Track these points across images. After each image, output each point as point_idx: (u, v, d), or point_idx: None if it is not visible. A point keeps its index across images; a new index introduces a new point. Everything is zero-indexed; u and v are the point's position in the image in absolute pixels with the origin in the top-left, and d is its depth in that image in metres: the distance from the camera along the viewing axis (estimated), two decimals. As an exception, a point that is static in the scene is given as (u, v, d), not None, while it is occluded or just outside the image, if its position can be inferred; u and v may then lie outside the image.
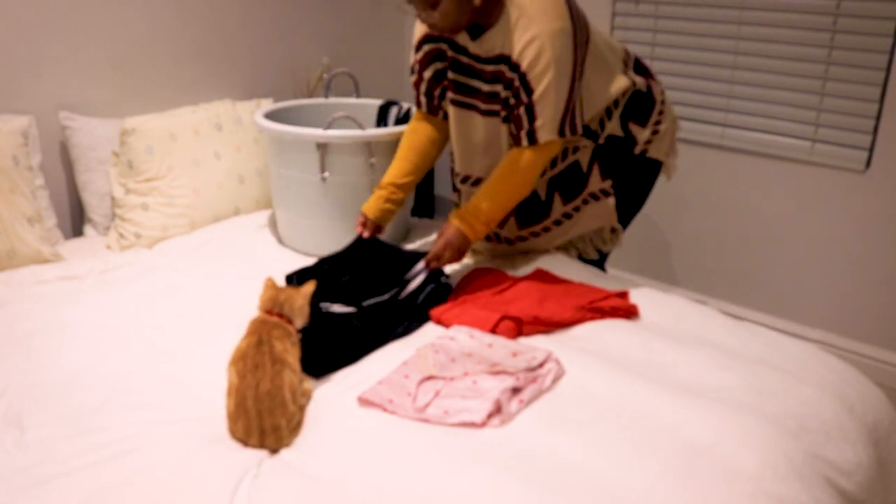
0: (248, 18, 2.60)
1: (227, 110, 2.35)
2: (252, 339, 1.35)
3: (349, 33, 2.97)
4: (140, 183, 2.12)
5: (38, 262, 1.94)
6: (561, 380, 1.41)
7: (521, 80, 1.64)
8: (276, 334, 1.36)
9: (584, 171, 1.86)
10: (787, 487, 1.16)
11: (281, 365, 1.31)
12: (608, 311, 1.66)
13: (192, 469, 1.18)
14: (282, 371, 1.30)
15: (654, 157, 1.94)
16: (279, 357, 1.33)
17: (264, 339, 1.35)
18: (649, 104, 1.87)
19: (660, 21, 2.60)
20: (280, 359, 1.32)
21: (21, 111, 2.12)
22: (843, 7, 2.23)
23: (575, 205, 1.90)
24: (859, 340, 2.45)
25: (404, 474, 1.17)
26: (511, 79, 1.65)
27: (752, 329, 1.64)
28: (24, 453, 1.24)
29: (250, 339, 1.35)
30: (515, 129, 1.69)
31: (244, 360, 1.32)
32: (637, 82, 1.84)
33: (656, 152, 1.93)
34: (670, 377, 1.43)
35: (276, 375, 1.29)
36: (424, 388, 1.37)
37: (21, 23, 2.07)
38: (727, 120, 2.53)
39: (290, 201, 2.04)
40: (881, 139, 2.26)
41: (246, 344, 1.35)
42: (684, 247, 2.76)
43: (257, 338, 1.35)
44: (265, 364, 1.30)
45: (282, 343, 1.35)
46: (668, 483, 1.14)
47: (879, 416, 1.43)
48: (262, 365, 1.30)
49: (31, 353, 1.52)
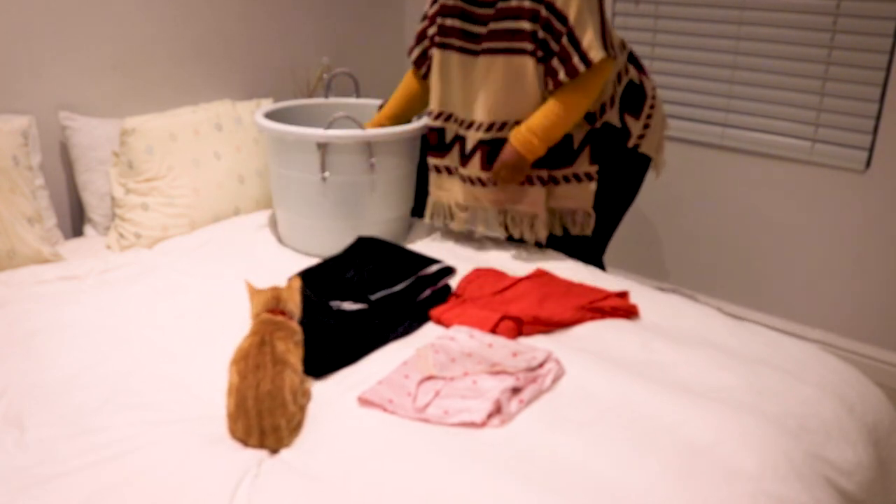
0: (248, 18, 2.60)
1: (228, 110, 2.35)
2: (255, 339, 1.35)
3: (349, 33, 2.97)
4: (140, 183, 2.12)
5: (38, 262, 1.94)
6: (561, 380, 1.42)
7: (549, 10, 1.71)
8: (280, 335, 1.36)
9: (573, 149, 1.89)
10: (787, 487, 1.16)
11: (282, 365, 1.31)
12: (608, 311, 1.66)
13: (192, 469, 1.18)
14: (283, 371, 1.30)
15: (645, 153, 1.97)
16: (281, 357, 1.33)
17: (267, 339, 1.35)
18: (641, 97, 1.93)
19: (660, 21, 2.60)
20: (282, 359, 1.32)
21: (21, 111, 2.12)
22: (843, 7, 2.24)
23: (556, 176, 1.93)
24: (859, 340, 2.45)
25: (404, 474, 1.17)
26: (536, 10, 1.72)
27: (752, 329, 1.65)
28: (24, 453, 1.24)
29: (253, 339, 1.35)
30: (564, 62, 1.75)
31: (245, 359, 1.32)
32: (631, 74, 1.86)
33: (647, 147, 1.97)
34: (670, 377, 1.43)
35: (277, 376, 1.29)
36: (424, 388, 1.38)
37: (21, 23, 2.07)
38: (727, 120, 2.54)
39: (291, 201, 2.04)
40: (881, 139, 2.26)
41: (248, 344, 1.35)
42: (685, 247, 2.77)
43: (260, 338, 1.35)
44: (266, 365, 1.30)
45: (284, 343, 1.35)
46: (668, 483, 1.15)
47: (879, 416, 1.44)
48: (264, 365, 1.30)
49: (31, 353, 1.52)
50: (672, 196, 2.74)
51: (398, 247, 1.87)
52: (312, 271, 1.79)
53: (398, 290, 1.67)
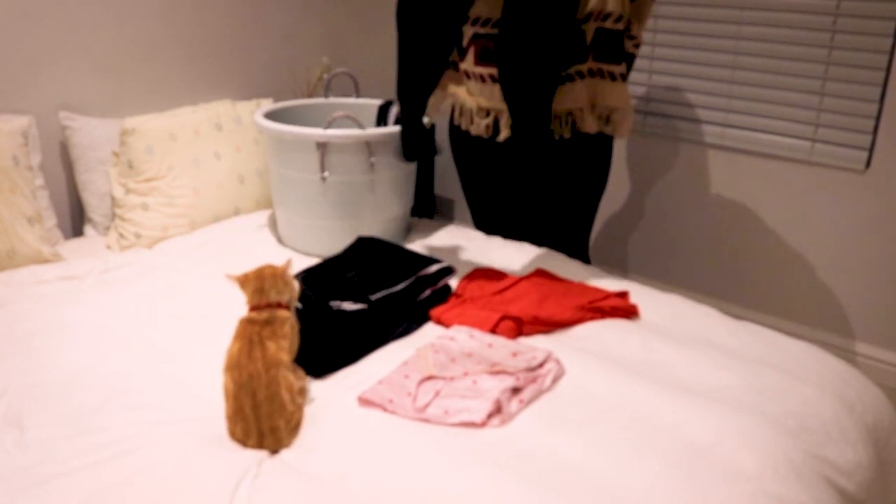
0: (247, 19, 2.60)
1: (227, 110, 2.35)
2: (242, 344, 1.32)
3: (349, 33, 2.97)
4: (140, 183, 2.12)
5: (38, 262, 1.94)
6: (561, 380, 1.42)
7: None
8: (267, 333, 1.33)
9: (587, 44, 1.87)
10: (786, 487, 1.16)
11: (276, 368, 1.30)
12: (608, 311, 1.67)
13: (192, 469, 1.18)
14: (277, 375, 1.29)
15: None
16: (273, 359, 1.30)
17: (255, 341, 1.32)
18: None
19: (660, 21, 2.60)
20: (274, 361, 1.30)
21: (21, 111, 2.12)
22: (842, 7, 2.24)
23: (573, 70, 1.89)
24: (859, 340, 2.45)
25: (404, 474, 1.17)
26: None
27: (751, 329, 1.65)
28: (24, 453, 1.24)
29: (241, 344, 1.32)
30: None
31: (238, 368, 1.29)
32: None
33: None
34: (670, 377, 1.43)
35: (272, 381, 1.28)
36: (424, 388, 1.38)
37: (21, 23, 2.08)
38: (727, 120, 2.54)
39: (290, 201, 2.04)
40: (881, 139, 2.27)
41: (237, 350, 1.32)
42: (684, 246, 2.77)
43: (247, 341, 1.32)
44: (259, 373, 1.28)
45: (275, 342, 1.33)
46: (669, 483, 1.15)
47: (879, 416, 1.44)
48: (257, 375, 1.28)
49: (31, 353, 1.52)
50: (672, 196, 2.74)
51: (398, 247, 1.87)
52: (312, 271, 1.79)
53: (398, 290, 1.67)
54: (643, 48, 2.65)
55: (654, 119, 2.70)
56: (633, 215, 2.86)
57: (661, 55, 2.62)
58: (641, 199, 2.83)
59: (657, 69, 2.65)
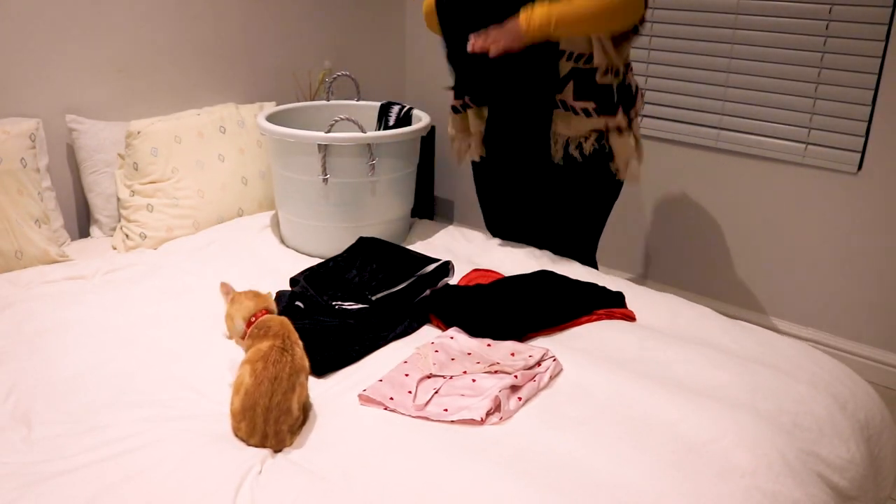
0: (250, 23, 2.62)
1: (231, 113, 2.37)
2: (277, 343, 1.29)
3: (350, 36, 2.99)
4: (145, 184, 2.14)
5: (46, 262, 1.96)
6: (558, 377, 1.43)
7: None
8: (295, 338, 1.32)
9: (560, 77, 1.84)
10: (780, 484, 1.17)
11: (297, 376, 1.28)
12: (604, 315, 1.68)
13: (196, 466, 1.19)
14: (296, 383, 1.27)
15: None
16: (299, 366, 1.29)
17: (288, 344, 1.29)
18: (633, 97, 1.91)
19: (656, 25, 2.62)
20: (300, 367, 1.29)
21: (29, 114, 2.14)
22: (835, 12, 2.26)
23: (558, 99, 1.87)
24: (851, 339, 2.47)
25: (405, 471, 1.18)
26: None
27: (746, 328, 1.65)
28: (31, 450, 1.24)
29: (275, 342, 1.29)
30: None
31: (264, 362, 1.26)
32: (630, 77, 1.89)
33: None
34: (666, 375, 1.44)
35: (290, 390, 1.26)
36: (424, 387, 1.39)
37: (29, 28, 2.09)
38: (722, 123, 2.56)
39: (292, 202, 2.06)
40: (873, 141, 2.29)
41: (269, 346, 1.28)
42: (680, 247, 2.79)
43: (282, 341, 1.29)
44: (283, 377, 1.25)
45: (300, 347, 1.32)
46: (664, 479, 1.16)
47: (871, 414, 1.45)
48: (280, 378, 1.25)
49: (38, 352, 1.53)
50: (668, 197, 2.76)
51: (399, 247, 1.89)
52: (314, 272, 1.81)
53: (399, 290, 1.69)
54: (639, 52, 2.67)
55: (650, 122, 2.72)
56: (629, 216, 2.88)
57: (658, 59, 2.65)
58: (637, 201, 2.85)
59: (654, 73, 2.67)
